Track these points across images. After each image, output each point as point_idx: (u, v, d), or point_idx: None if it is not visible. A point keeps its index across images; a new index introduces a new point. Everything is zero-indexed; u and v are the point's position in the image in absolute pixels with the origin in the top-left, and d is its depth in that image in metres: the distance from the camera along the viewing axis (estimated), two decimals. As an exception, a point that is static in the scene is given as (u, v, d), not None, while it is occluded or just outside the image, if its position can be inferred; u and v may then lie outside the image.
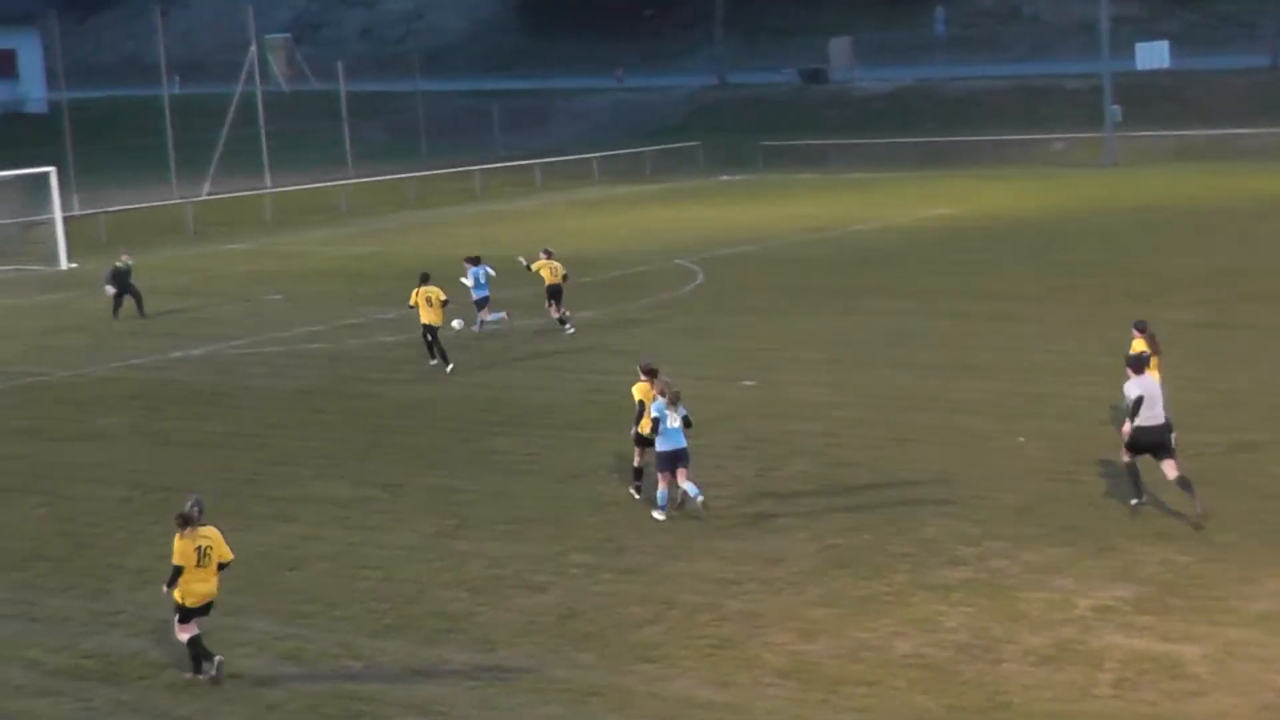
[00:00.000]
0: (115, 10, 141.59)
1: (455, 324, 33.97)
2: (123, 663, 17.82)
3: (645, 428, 21.83)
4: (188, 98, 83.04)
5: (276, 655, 17.86)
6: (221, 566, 17.15)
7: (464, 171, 74.41)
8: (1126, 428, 21.07)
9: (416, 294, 32.57)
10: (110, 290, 41.07)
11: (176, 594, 17.02)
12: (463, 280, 35.65)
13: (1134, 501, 21.39)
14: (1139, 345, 22.97)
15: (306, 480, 25.00)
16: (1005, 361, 31.12)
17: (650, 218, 59.49)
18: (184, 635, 17.08)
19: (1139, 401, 20.80)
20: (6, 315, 43.15)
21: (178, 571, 16.89)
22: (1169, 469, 20.95)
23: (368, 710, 16.31)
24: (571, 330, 35.45)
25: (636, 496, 22.70)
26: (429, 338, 32.70)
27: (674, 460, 21.61)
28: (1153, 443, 20.98)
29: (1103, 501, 21.90)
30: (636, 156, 79.09)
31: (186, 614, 17.04)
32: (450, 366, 32.21)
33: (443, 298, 32.39)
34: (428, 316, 32.43)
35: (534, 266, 35.52)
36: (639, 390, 22.04)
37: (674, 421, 21.44)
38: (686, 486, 21.74)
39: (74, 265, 51.73)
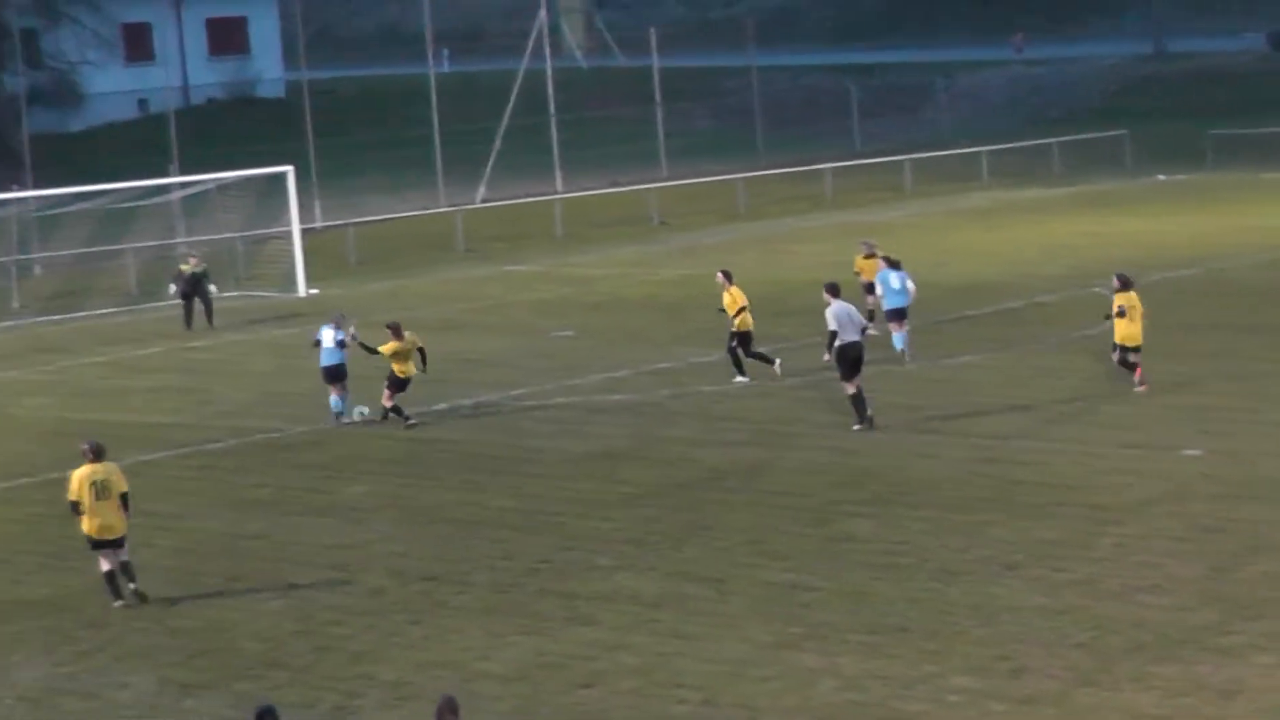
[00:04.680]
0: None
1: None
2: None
3: None
4: (459, 78, 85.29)
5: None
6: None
7: (810, 171, 74.59)
8: None
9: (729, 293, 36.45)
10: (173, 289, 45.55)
11: None
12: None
13: None
14: None
15: (607, 571, 25.27)
16: None
17: (1059, 232, 58.75)
18: None
19: None
20: (232, 355, 44.60)
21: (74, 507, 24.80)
22: None
23: None
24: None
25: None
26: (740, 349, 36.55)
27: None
28: None
29: None
30: (1041, 151, 78.25)
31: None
32: (778, 363, 36.74)
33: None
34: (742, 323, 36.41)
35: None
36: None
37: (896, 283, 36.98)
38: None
39: (314, 291, 53.09)
